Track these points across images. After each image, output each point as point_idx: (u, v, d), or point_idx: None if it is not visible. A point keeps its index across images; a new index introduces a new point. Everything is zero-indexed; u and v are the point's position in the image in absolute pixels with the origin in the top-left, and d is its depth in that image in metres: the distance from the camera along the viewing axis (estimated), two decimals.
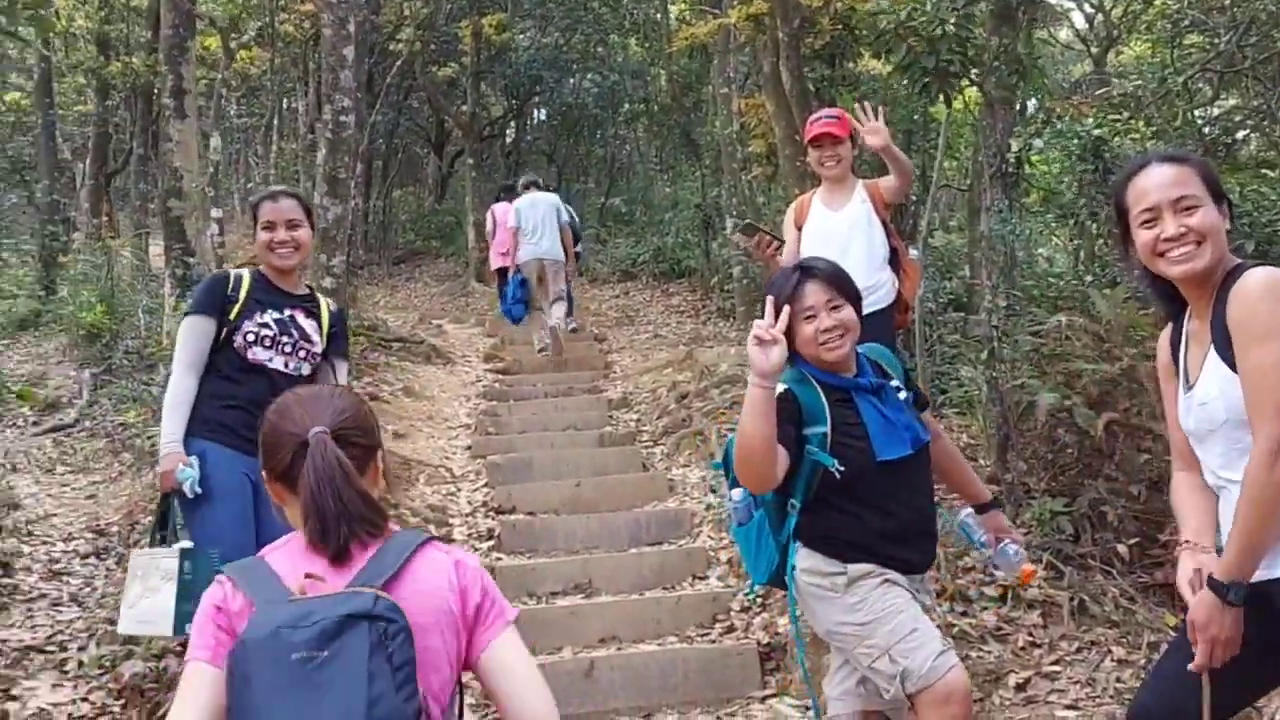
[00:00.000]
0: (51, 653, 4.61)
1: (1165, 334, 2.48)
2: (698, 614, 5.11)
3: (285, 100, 17.33)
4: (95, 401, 8.29)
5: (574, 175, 22.38)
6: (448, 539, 6.13)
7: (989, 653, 4.19)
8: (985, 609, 4.44)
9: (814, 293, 2.79)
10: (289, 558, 1.80)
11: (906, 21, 5.34)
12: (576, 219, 10.80)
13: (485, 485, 7.04)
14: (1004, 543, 2.99)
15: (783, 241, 4.76)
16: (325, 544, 1.77)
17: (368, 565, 1.76)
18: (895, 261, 4.81)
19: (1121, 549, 4.55)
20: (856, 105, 4.69)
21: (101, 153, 16.24)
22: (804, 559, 2.84)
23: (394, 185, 21.82)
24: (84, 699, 4.30)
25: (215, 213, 9.10)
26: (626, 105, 19.90)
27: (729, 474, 2.97)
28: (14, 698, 4.28)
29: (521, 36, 19.28)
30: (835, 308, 2.79)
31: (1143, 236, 2.28)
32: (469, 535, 6.25)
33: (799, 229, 4.85)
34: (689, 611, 5.13)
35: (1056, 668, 3.99)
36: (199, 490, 3.49)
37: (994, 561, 3.03)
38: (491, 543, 6.06)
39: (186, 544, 3.47)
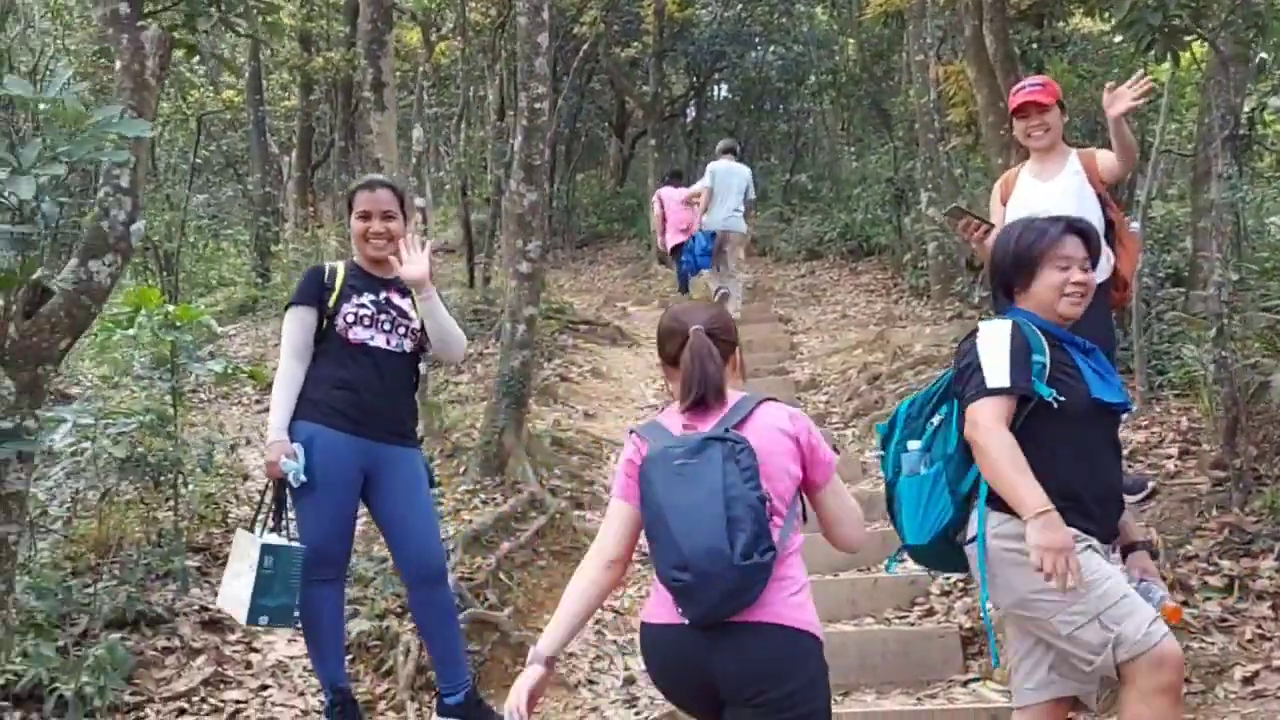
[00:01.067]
0: None
1: None
2: (895, 596, 5.06)
3: (473, 88, 17.84)
4: None
5: (757, 152, 22.15)
6: None
7: (1212, 644, 4.01)
8: (1208, 599, 4.24)
9: (1075, 246, 2.86)
10: (670, 417, 2.63)
11: None
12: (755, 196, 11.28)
13: None
14: (1145, 583, 2.83)
15: (991, 225, 4.51)
16: (692, 400, 2.56)
17: (724, 416, 2.52)
18: (1111, 235, 4.53)
19: None
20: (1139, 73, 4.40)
21: (306, 146, 17.07)
22: (998, 523, 2.76)
23: (576, 169, 22.15)
24: None
25: (419, 201, 9.41)
26: (812, 77, 19.51)
27: (888, 444, 3.06)
28: (256, 650, 4.65)
29: (703, 11, 19.21)
30: (1087, 268, 2.85)
31: None
32: None
33: (1004, 204, 4.64)
34: (886, 594, 5.08)
35: None
36: (304, 479, 3.56)
37: None
38: None
39: (271, 539, 3.56)
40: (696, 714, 2.62)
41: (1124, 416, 2.97)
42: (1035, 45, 8.70)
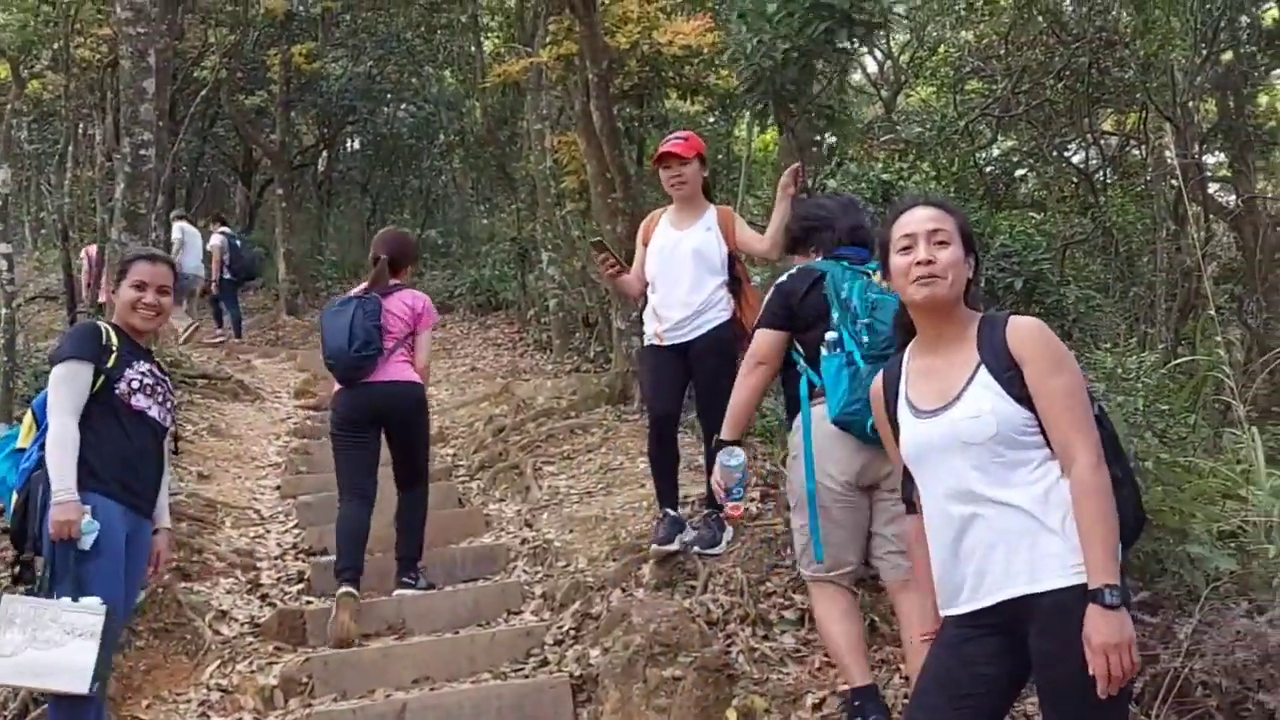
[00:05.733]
0: None
1: (878, 384, 2.74)
2: (512, 650, 5.09)
3: (81, 126, 16.46)
4: None
5: (389, 206, 22.03)
6: (255, 584, 5.93)
7: (788, 674, 4.31)
8: (784, 632, 4.58)
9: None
10: (357, 287, 5.42)
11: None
12: None
13: (295, 526, 6.87)
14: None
15: (624, 266, 4.99)
16: (376, 289, 5.33)
17: (379, 289, 5.34)
18: (737, 289, 4.95)
19: None
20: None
21: None
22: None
23: (199, 215, 20.95)
24: None
25: (3, 247, 8.53)
26: (442, 136, 19.73)
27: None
28: None
29: (334, 65, 18.90)
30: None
31: (898, 262, 2.54)
32: (278, 579, 6.04)
33: (645, 245, 5.00)
34: (503, 648, 5.11)
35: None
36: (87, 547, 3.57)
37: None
38: (301, 585, 5.84)
39: (100, 603, 3.53)
40: (366, 437, 5.34)
41: None
42: (637, 122, 9.39)
